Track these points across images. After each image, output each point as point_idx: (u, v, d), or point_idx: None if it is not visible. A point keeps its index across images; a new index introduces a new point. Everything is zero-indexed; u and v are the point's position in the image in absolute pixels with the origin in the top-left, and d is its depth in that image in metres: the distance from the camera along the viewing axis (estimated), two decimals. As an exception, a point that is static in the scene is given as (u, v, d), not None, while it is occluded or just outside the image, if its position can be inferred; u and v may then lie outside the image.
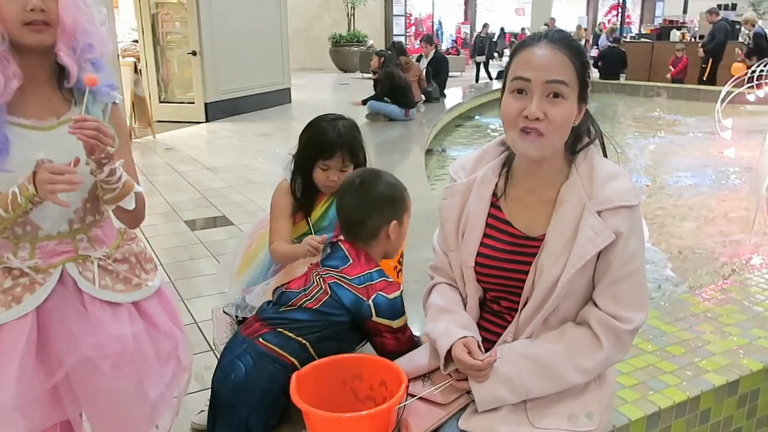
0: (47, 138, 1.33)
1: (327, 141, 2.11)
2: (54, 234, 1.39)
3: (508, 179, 1.49)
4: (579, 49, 1.36)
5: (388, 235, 1.74)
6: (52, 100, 1.37)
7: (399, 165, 5.56)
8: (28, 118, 1.32)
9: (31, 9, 1.23)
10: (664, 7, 23.59)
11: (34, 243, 1.38)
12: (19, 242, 1.37)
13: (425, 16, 23.09)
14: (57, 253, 1.40)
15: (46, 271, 1.38)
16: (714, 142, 7.15)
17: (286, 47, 11.17)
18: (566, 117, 1.32)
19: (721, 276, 3.34)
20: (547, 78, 1.30)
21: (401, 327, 1.68)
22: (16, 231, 1.36)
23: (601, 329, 1.39)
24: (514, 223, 1.46)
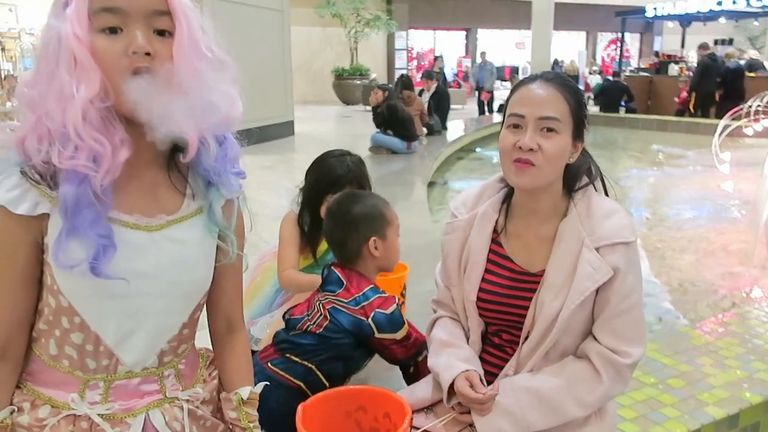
0: (151, 240, 1.01)
1: (336, 176, 2.19)
2: (138, 370, 1.06)
3: (507, 215, 1.53)
4: (574, 89, 1.43)
5: (371, 253, 1.77)
6: (159, 188, 1.04)
7: (402, 197, 5.61)
8: (130, 214, 0.99)
9: (134, 51, 0.90)
10: (662, 41, 23.95)
11: (110, 381, 1.04)
12: (89, 380, 1.03)
13: (426, 50, 23.44)
14: (139, 395, 1.07)
15: (123, 421, 1.04)
16: (712, 176, 7.22)
17: (290, 81, 11.32)
18: (559, 150, 1.38)
19: (721, 309, 3.35)
20: (541, 114, 1.36)
21: (406, 336, 1.75)
22: (87, 364, 1.02)
23: (601, 363, 1.41)
24: (515, 259, 1.50)
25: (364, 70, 17.79)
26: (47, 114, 0.89)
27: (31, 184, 0.93)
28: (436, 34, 23.22)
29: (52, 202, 0.94)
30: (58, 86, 0.89)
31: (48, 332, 1.02)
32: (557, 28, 14.09)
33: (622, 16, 17.83)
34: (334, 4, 17.38)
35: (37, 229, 0.96)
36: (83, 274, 0.93)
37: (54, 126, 0.89)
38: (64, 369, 1.03)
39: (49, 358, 1.04)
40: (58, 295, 0.98)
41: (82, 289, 0.97)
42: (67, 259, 0.93)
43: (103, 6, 0.90)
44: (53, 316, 1.00)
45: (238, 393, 1.18)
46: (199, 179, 1.07)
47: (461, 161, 8.97)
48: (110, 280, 0.94)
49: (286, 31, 11.12)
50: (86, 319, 0.99)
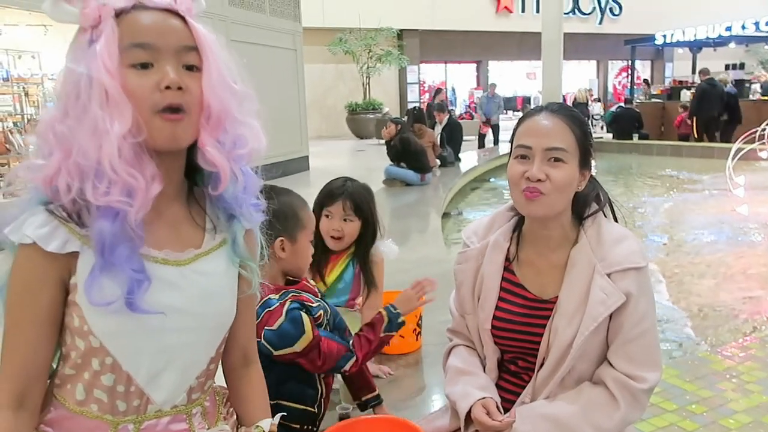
0: (180, 275, 0.99)
1: (329, 189, 2.32)
2: (167, 409, 1.03)
3: (519, 243, 1.55)
4: (578, 119, 1.46)
5: (277, 254, 1.67)
6: (182, 223, 1.03)
7: (416, 229, 5.64)
8: (160, 249, 0.98)
9: (167, 86, 0.90)
10: (673, 68, 24.03)
11: (140, 423, 1.01)
12: (119, 423, 0.99)
13: (438, 83, 23.72)
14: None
15: None
16: (729, 200, 7.17)
17: (304, 117, 11.51)
18: (567, 179, 1.40)
19: (742, 333, 3.31)
20: (547, 145, 1.39)
21: (308, 346, 1.64)
22: (117, 406, 0.99)
23: (617, 389, 1.41)
24: (527, 287, 1.51)
25: (376, 104, 18.03)
26: (80, 150, 0.88)
27: (59, 221, 0.92)
28: (447, 66, 23.51)
29: (82, 240, 0.93)
30: (91, 122, 0.88)
31: (75, 377, 0.98)
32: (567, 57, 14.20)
33: (631, 45, 17.96)
34: (346, 42, 17.73)
35: (65, 268, 0.94)
36: (117, 311, 0.91)
37: (88, 162, 0.88)
38: (92, 414, 0.98)
39: (76, 404, 0.99)
40: (89, 336, 0.95)
41: (116, 327, 0.94)
42: (102, 297, 0.91)
43: (135, 42, 0.91)
44: (82, 359, 0.96)
45: (259, 426, 1.17)
46: (219, 212, 1.06)
47: (476, 191, 9.00)
48: (146, 315, 0.93)
49: (300, 69, 11.35)
50: (118, 359, 0.96)
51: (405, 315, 1.89)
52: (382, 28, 17.95)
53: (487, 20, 21.49)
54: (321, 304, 1.75)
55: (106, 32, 0.90)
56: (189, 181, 1.06)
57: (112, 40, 0.90)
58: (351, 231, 2.33)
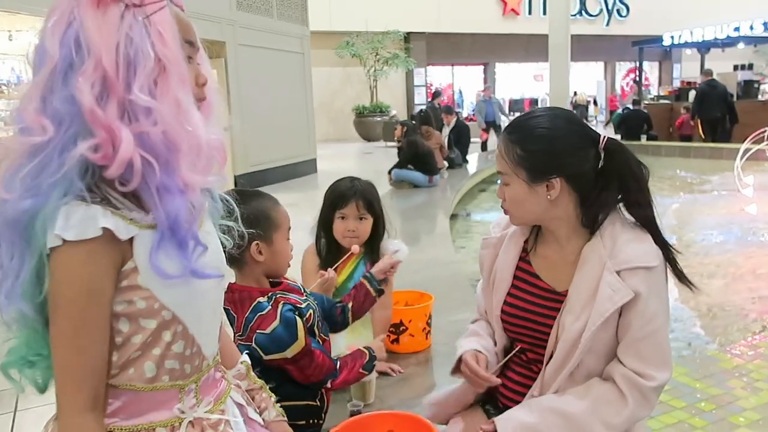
0: (203, 236, 1.04)
1: (341, 191, 2.34)
2: (212, 362, 1.11)
3: (537, 236, 1.59)
4: (516, 140, 1.48)
5: (254, 258, 1.66)
6: None
7: (425, 230, 5.66)
8: None
9: (203, 84, 1.02)
10: (681, 68, 23.95)
11: (198, 380, 1.08)
12: (185, 386, 1.05)
13: (445, 86, 23.73)
14: (215, 384, 1.13)
15: (221, 410, 1.11)
16: (738, 200, 7.15)
17: (312, 120, 11.57)
18: (515, 197, 1.49)
19: (750, 332, 3.31)
20: (497, 170, 1.53)
21: (299, 353, 1.65)
22: (185, 369, 1.04)
23: (626, 385, 1.43)
24: (542, 277, 1.55)
25: (384, 107, 18.08)
26: (169, 130, 0.90)
27: (111, 211, 0.91)
28: (454, 69, 23.51)
29: (133, 224, 0.93)
30: (175, 104, 0.91)
31: (143, 357, 0.99)
32: (575, 59, 14.19)
33: (639, 46, 17.92)
34: (353, 45, 17.78)
35: (121, 257, 0.93)
36: (185, 280, 0.96)
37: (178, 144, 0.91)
38: (165, 386, 1.02)
39: (145, 382, 1.00)
40: (161, 312, 0.97)
41: (184, 295, 0.99)
42: (172, 268, 0.94)
43: (188, 39, 1.00)
44: (152, 337, 0.98)
45: (244, 361, 1.31)
46: None
47: (483, 193, 9.01)
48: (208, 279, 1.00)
49: (308, 72, 11.41)
50: (187, 324, 1.01)
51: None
52: (389, 31, 18.00)
53: (493, 22, 21.50)
54: (308, 303, 1.76)
55: (167, 18, 0.93)
56: None
57: (175, 27, 0.95)
58: (365, 229, 2.37)
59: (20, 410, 2.87)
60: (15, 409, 2.87)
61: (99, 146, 0.87)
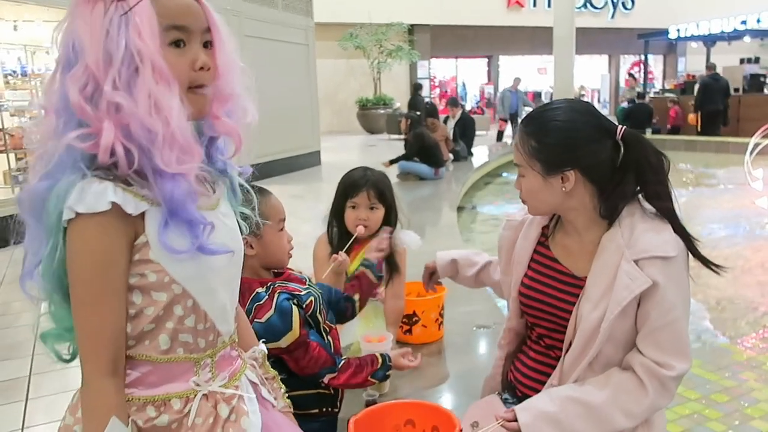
0: (216, 217, 1.09)
1: (353, 179, 2.37)
2: (227, 339, 1.16)
3: (557, 223, 1.61)
4: (531, 132, 1.50)
5: (246, 253, 1.60)
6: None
7: (431, 222, 5.66)
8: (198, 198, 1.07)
9: (201, 67, 1.01)
10: (686, 62, 23.85)
11: (214, 356, 1.13)
12: (200, 359, 1.10)
13: (449, 78, 23.66)
14: (231, 361, 1.18)
15: (235, 386, 1.15)
16: (746, 193, 7.14)
17: (316, 112, 11.55)
18: (531, 189, 1.51)
19: (761, 325, 3.31)
20: (514, 162, 1.55)
21: (293, 344, 1.66)
22: (199, 344, 1.09)
23: (646, 375, 1.43)
24: (561, 261, 1.56)
25: (387, 99, 18.02)
26: (142, 122, 0.94)
27: (122, 188, 0.97)
28: (458, 62, 23.44)
29: (145, 201, 0.98)
30: (148, 96, 0.94)
31: (157, 330, 1.04)
32: (579, 52, 14.13)
33: (644, 39, 17.84)
34: (357, 37, 17.71)
35: (133, 230, 0.99)
36: (194, 256, 1.01)
37: (152, 134, 0.94)
38: (179, 358, 1.07)
39: (161, 354, 1.05)
40: (171, 286, 1.02)
41: (194, 270, 1.03)
42: (178, 245, 0.99)
43: (173, 24, 0.99)
44: (164, 310, 1.03)
45: (261, 350, 1.33)
46: (211, 169, 1.14)
47: (489, 186, 9.01)
48: (217, 255, 1.03)
49: (312, 64, 11.38)
50: (198, 299, 1.05)
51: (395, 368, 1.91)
52: (392, 23, 17.92)
53: (498, 15, 21.40)
54: (310, 291, 1.76)
55: (145, 10, 0.95)
56: None
57: (153, 18, 0.96)
58: (376, 219, 2.38)
59: (31, 398, 2.88)
60: (26, 398, 2.89)
61: (86, 136, 0.95)
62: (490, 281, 2.00)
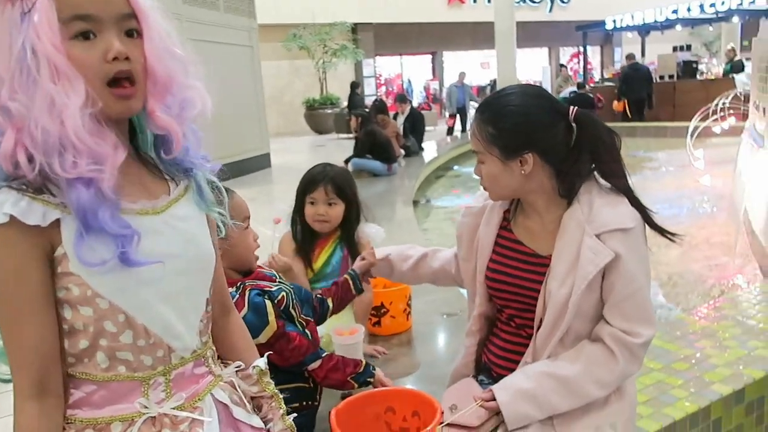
0: (162, 222, 1.02)
1: (311, 176, 2.39)
2: (188, 355, 1.06)
3: (518, 206, 1.64)
4: (493, 116, 1.53)
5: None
6: (144, 179, 1.05)
7: (388, 217, 5.68)
8: (135, 202, 1.00)
9: (114, 57, 0.91)
10: (622, 52, 24.61)
11: (169, 373, 1.03)
12: (149, 378, 1.01)
13: (394, 76, 23.77)
14: (195, 380, 1.08)
15: (194, 407, 1.05)
16: (688, 174, 7.44)
17: (263, 114, 11.41)
18: (490, 174, 1.54)
19: (711, 297, 3.46)
20: (472, 149, 1.58)
21: (272, 337, 1.66)
22: (143, 361, 1.00)
23: (615, 344, 1.48)
24: (524, 242, 1.60)
25: (334, 99, 17.97)
26: (39, 125, 0.87)
27: (30, 197, 0.90)
28: (402, 59, 23.58)
29: (59, 208, 0.92)
30: (45, 97, 0.88)
31: (92, 348, 0.97)
32: (520, 45, 14.43)
33: (582, 30, 18.33)
34: (300, 37, 17.60)
35: (48, 242, 0.93)
36: (115, 268, 0.93)
37: (50, 137, 0.88)
38: (122, 377, 0.99)
39: (102, 372, 0.99)
40: (95, 300, 0.95)
41: (120, 283, 0.95)
42: (95, 257, 0.91)
43: (75, 14, 0.90)
44: (94, 326, 0.96)
45: (256, 366, 1.21)
46: (172, 168, 1.09)
47: (441, 179, 9.11)
48: (144, 266, 0.95)
49: (257, 65, 11.23)
50: (130, 313, 0.97)
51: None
52: (335, 23, 17.88)
53: (440, 11, 21.64)
54: (281, 287, 1.75)
55: (44, 5, 0.88)
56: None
57: (51, 12, 0.88)
58: (335, 214, 2.38)
59: None
60: None
61: None
62: (429, 272, 1.92)
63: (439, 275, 1.92)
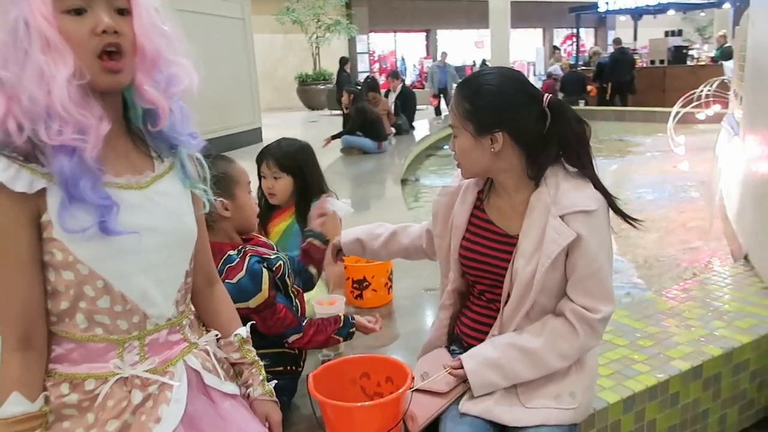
0: (144, 197, 1.08)
1: (260, 151, 2.51)
2: (163, 323, 1.13)
3: (491, 188, 1.72)
4: (465, 96, 1.61)
5: (222, 215, 1.74)
6: (130, 153, 1.11)
7: (377, 195, 5.77)
8: (120, 176, 1.06)
9: (103, 31, 0.96)
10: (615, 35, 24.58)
11: (143, 338, 1.11)
12: (125, 341, 1.09)
13: (388, 53, 23.67)
14: (169, 346, 1.15)
15: (166, 371, 1.12)
16: (670, 160, 7.56)
17: (256, 88, 11.40)
18: (462, 149, 1.62)
19: (682, 279, 3.58)
20: (449, 123, 1.68)
21: (261, 305, 1.72)
22: (119, 325, 1.07)
23: (576, 319, 1.58)
24: (495, 222, 1.69)
25: (327, 74, 17.90)
26: (28, 94, 0.93)
27: (19, 164, 0.96)
28: (396, 36, 23.46)
29: (46, 178, 0.98)
30: (35, 67, 0.93)
31: (72, 309, 1.05)
32: (514, 26, 14.45)
33: (576, 12, 18.30)
34: (294, 11, 17.45)
35: (35, 208, 0.99)
36: (95, 236, 0.99)
37: (37, 106, 0.93)
38: (98, 338, 1.07)
39: (81, 332, 1.06)
40: (76, 266, 1.01)
41: (99, 251, 1.02)
42: (76, 224, 0.98)
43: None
44: (74, 289, 1.03)
45: (238, 334, 1.30)
46: (159, 143, 1.14)
47: (431, 158, 9.18)
48: (122, 236, 1.01)
49: (249, 39, 11.19)
50: (109, 280, 1.04)
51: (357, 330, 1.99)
52: (330, -3, 17.76)
53: (435, -12, 21.50)
54: (279, 256, 1.83)
55: None
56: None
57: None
58: (282, 187, 2.48)
59: None
60: None
61: None
62: (401, 248, 2.03)
63: (410, 250, 2.04)
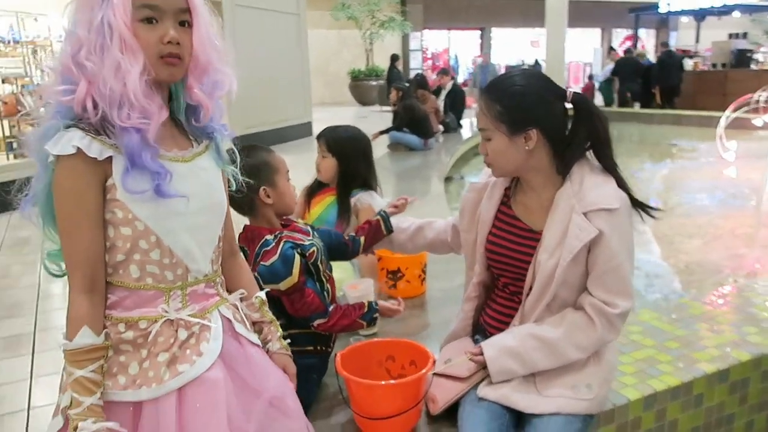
0: (189, 169, 1.28)
1: (320, 131, 2.77)
2: (201, 277, 1.31)
3: (517, 185, 1.80)
4: (496, 98, 1.66)
5: (264, 201, 1.89)
6: (175, 134, 1.32)
7: (420, 191, 5.84)
8: (170, 151, 1.26)
9: (168, 41, 1.18)
10: (677, 36, 23.90)
11: (185, 288, 1.29)
12: (170, 289, 1.27)
13: (441, 51, 23.64)
14: (206, 297, 1.33)
15: (204, 317, 1.30)
16: (723, 166, 7.37)
17: (308, 82, 11.60)
18: (497, 150, 1.67)
19: (721, 285, 3.54)
20: (479, 126, 1.71)
21: (291, 288, 1.83)
22: (166, 276, 1.25)
23: (594, 313, 1.64)
24: (521, 218, 1.76)
25: (379, 71, 18.00)
26: (106, 83, 1.14)
27: (91, 136, 1.16)
28: (450, 34, 23.40)
29: (113, 149, 1.17)
30: (113, 61, 1.14)
31: (127, 261, 1.22)
32: (571, 25, 14.16)
33: (635, 13, 17.88)
34: (349, 7, 17.62)
35: (102, 173, 1.18)
36: (151, 198, 1.19)
37: (114, 93, 1.14)
38: (149, 286, 1.25)
39: (134, 281, 1.24)
40: (134, 222, 1.20)
41: (153, 211, 1.21)
42: (137, 187, 1.17)
43: (145, 3, 1.17)
44: (131, 243, 1.21)
45: (258, 296, 1.50)
46: (197, 130, 1.35)
47: (478, 157, 9.16)
48: (173, 198, 1.21)
49: (303, 34, 11.39)
50: (160, 236, 1.23)
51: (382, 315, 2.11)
52: (385, -6, 17.84)
53: (491, -14, 21.32)
54: (313, 242, 1.95)
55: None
56: None
57: (127, 2, 1.15)
58: (326, 166, 2.72)
59: (38, 351, 3.08)
60: (33, 351, 3.08)
61: (68, 92, 1.16)
62: (426, 242, 2.18)
63: (435, 244, 2.16)
